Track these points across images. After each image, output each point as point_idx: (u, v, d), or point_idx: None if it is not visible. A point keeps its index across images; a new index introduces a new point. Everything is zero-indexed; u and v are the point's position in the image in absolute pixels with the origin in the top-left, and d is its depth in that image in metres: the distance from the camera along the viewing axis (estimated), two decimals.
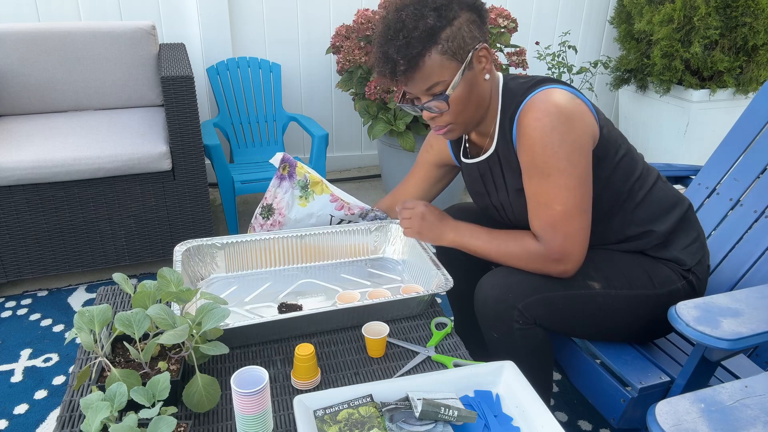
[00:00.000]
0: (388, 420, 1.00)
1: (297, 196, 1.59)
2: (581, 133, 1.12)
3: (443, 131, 1.21)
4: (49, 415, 1.61)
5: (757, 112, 1.61)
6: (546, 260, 1.17)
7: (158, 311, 1.06)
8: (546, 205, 1.14)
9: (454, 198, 2.83)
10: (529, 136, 1.12)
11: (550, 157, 1.11)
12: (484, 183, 1.33)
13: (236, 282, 1.52)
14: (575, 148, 1.11)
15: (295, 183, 1.58)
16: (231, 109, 2.80)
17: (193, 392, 1.06)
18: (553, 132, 1.10)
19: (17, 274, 2.09)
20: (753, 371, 1.29)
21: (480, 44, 1.14)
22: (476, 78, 1.16)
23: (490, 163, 1.28)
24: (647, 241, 1.25)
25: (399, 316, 1.38)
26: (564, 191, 1.12)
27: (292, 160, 1.59)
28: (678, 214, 1.27)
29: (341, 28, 2.65)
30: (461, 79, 1.13)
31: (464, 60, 1.12)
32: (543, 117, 1.10)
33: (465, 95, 1.15)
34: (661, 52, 2.89)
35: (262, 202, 1.60)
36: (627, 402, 1.21)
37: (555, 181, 1.12)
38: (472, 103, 1.17)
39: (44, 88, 2.38)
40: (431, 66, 1.11)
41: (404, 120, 2.47)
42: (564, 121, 1.10)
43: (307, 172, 1.59)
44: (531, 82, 1.18)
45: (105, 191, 2.07)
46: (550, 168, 1.12)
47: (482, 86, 1.18)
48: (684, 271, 1.26)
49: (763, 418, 0.83)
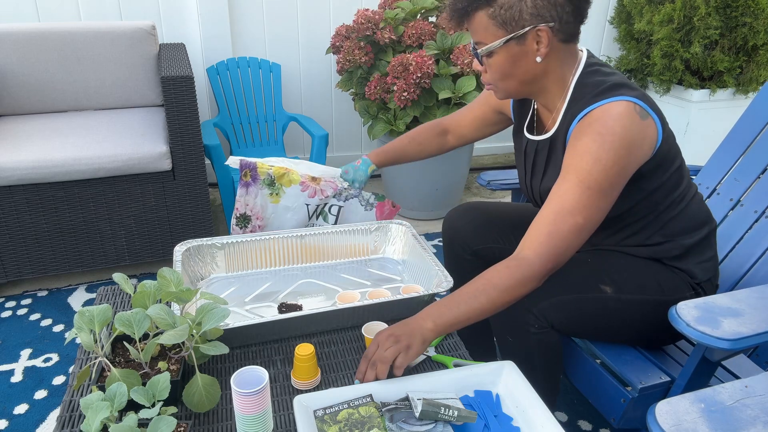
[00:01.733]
0: (388, 420, 1.00)
1: (267, 194, 1.56)
2: (635, 161, 1.11)
3: (487, 87, 1.23)
4: (49, 415, 1.61)
5: (757, 112, 1.61)
6: (534, 279, 1.10)
7: (158, 311, 1.06)
8: (570, 212, 1.10)
9: (454, 198, 2.83)
10: (586, 143, 1.09)
11: (599, 173, 1.08)
12: (534, 162, 1.31)
13: (236, 282, 1.52)
14: (623, 174, 1.10)
15: (260, 183, 1.56)
16: (231, 109, 2.80)
17: (193, 392, 1.06)
18: (611, 152, 1.07)
19: (17, 274, 2.09)
20: (753, 371, 1.29)
21: (543, 25, 1.08)
22: (525, 56, 1.12)
23: (540, 145, 1.27)
24: (668, 250, 1.25)
25: (399, 316, 1.38)
26: (593, 209, 1.10)
27: (251, 162, 1.55)
28: (704, 233, 1.27)
29: (341, 28, 2.65)
30: (502, 48, 1.12)
31: (513, 32, 1.09)
32: (607, 134, 1.07)
33: (505, 66, 1.14)
34: (661, 52, 2.89)
35: (235, 213, 1.58)
36: (627, 402, 1.20)
37: (590, 196, 1.09)
38: (514, 77, 1.16)
39: (44, 88, 2.38)
40: (477, 24, 1.12)
41: (404, 120, 2.47)
42: (625, 146, 1.07)
43: (269, 167, 1.55)
44: (608, 82, 1.13)
45: (105, 191, 2.07)
46: (593, 182, 1.09)
47: (532, 66, 1.14)
48: (694, 284, 1.26)
49: (763, 418, 0.83)
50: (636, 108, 1.09)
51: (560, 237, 1.10)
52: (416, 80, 2.34)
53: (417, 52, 2.39)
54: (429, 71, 2.34)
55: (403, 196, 2.79)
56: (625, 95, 1.09)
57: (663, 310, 1.22)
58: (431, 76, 2.38)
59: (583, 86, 1.16)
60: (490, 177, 1.69)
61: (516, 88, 1.19)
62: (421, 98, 2.43)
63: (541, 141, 1.26)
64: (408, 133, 1.59)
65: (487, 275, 1.12)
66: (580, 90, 1.16)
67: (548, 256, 1.10)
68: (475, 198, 3.09)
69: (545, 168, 1.26)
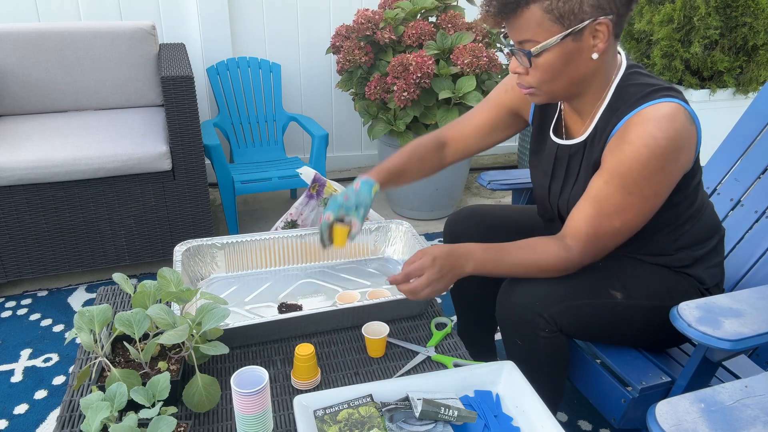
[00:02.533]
0: (388, 420, 1.00)
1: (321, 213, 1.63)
2: (681, 168, 1.07)
3: (525, 91, 1.12)
4: (49, 415, 1.61)
5: (757, 112, 1.61)
6: (571, 269, 1.15)
7: (158, 311, 1.06)
8: (608, 216, 1.09)
9: (454, 198, 2.83)
10: (634, 146, 1.03)
11: (643, 179, 1.04)
12: (556, 167, 1.24)
13: (236, 282, 1.52)
14: (667, 180, 1.07)
15: (320, 201, 1.62)
16: (231, 109, 2.80)
17: (193, 392, 1.06)
18: (659, 157, 1.03)
19: (17, 274, 2.09)
20: (753, 371, 1.29)
21: (603, 17, 0.99)
22: (581, 52, 1.03)
23: (572, 150, 1.19)
24: (679, 260, 1.24)
25: (399, 316, 1.38)
26: (632, 214, 1.08)
27: (323, 179, 1.63)
28: (714, 242, 1.26)
29: (341, 28, 2.65)
30: (558, 45, 1.01)
31: (571, 27, 0.99)
32: (660, 137, 1.01)
33: (557, 66, 1.04)
34: (661, 52, 2.89)
35: (286, 217, 1.63)
36: (628, 402, 1.20)
37: (631, 201, 1.07)
38: (564, 77, 1.06)
39: (44, 88, 2.37)
40: (527, 19, 1.00)
41: (404, 120, 2.47)
42: (673, 151, 1.03)
43: (334, 190, 1.63)
44: (654, 87, 1.07)
45: (105, 191, 2.07)
46: (636, 188, 1.05)
47: (585, 64, 1.05)
48: (703, 289, 1.26)
49: (763, 418, 0.83)
50: (686, 112, 1.05)
51: (596, 239, 1.11)
52: (416, 80, 2.34)
53: (417, 52, 2.39)
54: (429, 71, 2.34)
55: (403, 196, 2.79)
56: (674, 98, 1.05)
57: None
58: (431, 76, 2.38)
59: (626, 87, 1.10)
60: (490, 177, 1.69)
61: (563, 90, 1.10)
62: (421, 98, 2.43)
63: (573, 145, 1.19)
64: (406, 147, 1.40)
65: (537, 250, 1.14)
66: (622, 91, 1.11)
67: (587, 254, 1.13)
68: (475, 198, 3.09)
69: (578, 174, 1.20)
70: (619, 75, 1.12)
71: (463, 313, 1.61)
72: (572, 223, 1.13)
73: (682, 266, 1.25)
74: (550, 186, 1.27)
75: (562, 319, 1.16)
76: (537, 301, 1.15)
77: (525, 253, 1.15)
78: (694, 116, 1.08)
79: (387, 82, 2.45)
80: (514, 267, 1.15)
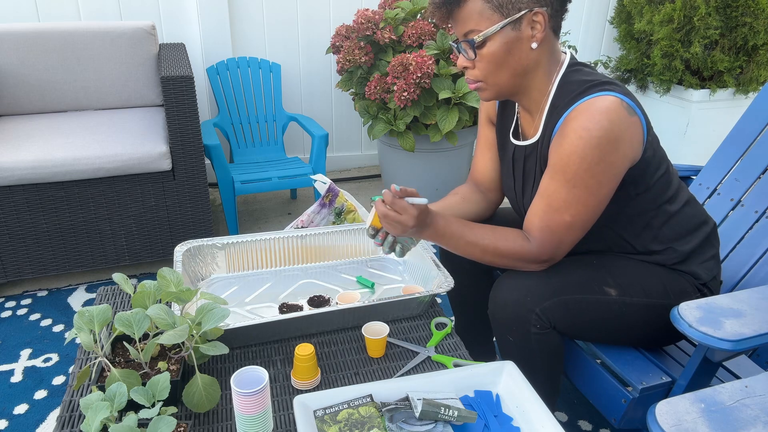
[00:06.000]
0: (388, 420, 1.00)
1: (330, 221, 1.67)
2: (622, 157, 1.09)
3: (473, 86, 1.18)
4: (49, 415, 1.61)
5: (757, 112, 1.61)
6: (531, 261, 1.17)
7: (158, 311, 1.06)
8: (557, 210, 1.12)
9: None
10: (571, 141, 1.07)
11: (584, 171, 1.08)
12: (515, 169, 1.29)
13: (237, 282, 1.52)
14: (610, 171, 1.09)
15: (332, 210, 1.63)
16: (231, 109, 2.80)
17: (193, 392, 1.06)
18: (596, 149, 1.06)
19: (17, 274, 2.09)
20: (753, 371, 1.29)
21: (539, 8, 1.07)
22: (520, 42, 1.10)
23: (527, 151, 1.24)
24: (668, 258, 1.25)
25: (399, 316, 1.38)
26: (580, 206, 1.11)
27: (337, 190, 1.66)
28: (702, 236, 1.26)
29: (341, 28, 2.65)
30: (498, 34, 1.09)
31: (509, 15, 1.07)
32: (593, 129, 1.05)
33: (500, 54, 1.10)
34: (661, 52, 2.89)
35: (297, 223, 1.63)
36: (628, 402, 1.20)
37: (577, 194, 1.10)
38: (507, 68, 1.13)
39: (44, 88, 2.37)
40: (470, 10, 1.09)
41: (404, 120, 2.47)
42: (611, 141, 1.06)
43: (345, 200, 1.65)
44: (593, 82, 1.11)
45: (105, 191, 2.07)
46: (579, 180, 1.09)
47: (525, 54, 1.12)
48: (700, 285, 1.26)
49: (763, 418, 0.83)
50: (623, 104, 1.07)
51: (551, 232, 1.14)
52: (416, 80, 2.34)
53: (417, 52, 2.39)
54: (429, 71, 2.34)
55: None
56: (612, 91, 1.08)
57: (667, 314, 1.22)
58: (431, 76, 2.38)
59: (567, 84, 1.14)
60: None
61: (507, 82, 1.15)
62: (421, 98, 2.43)
63: (528, 146, 1.24)
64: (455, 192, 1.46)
65: (497, 232, 1.17)
66: (563, 88, 1.15)
67: (544, 246, 1.15)
68: None
69: (535, 174, 1.23)
70: (560, 72, 1.17)
71: (462, 314, 1.62)
72: (528, 217, 1.18)
73: (674, 263, 1.25)
74: (515, 187, 1.32)
75: (554, 314, 1.16)
76: (529, 297, 1.16)
77: (485, 232, 1.18)
78: (635, 107, 1.10)
79: (387, 82, 2.45)
80: (470, 246, 1.18)
